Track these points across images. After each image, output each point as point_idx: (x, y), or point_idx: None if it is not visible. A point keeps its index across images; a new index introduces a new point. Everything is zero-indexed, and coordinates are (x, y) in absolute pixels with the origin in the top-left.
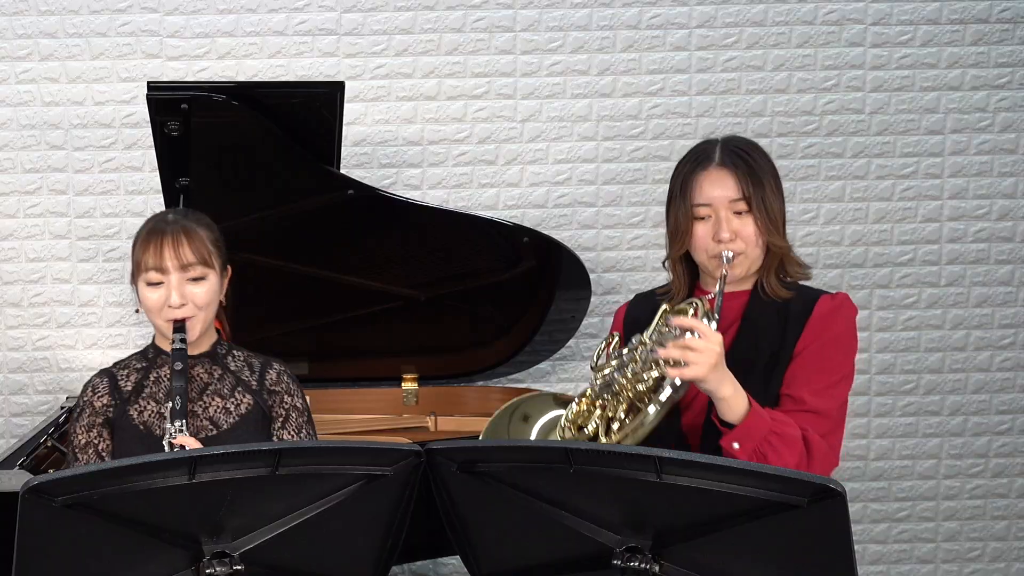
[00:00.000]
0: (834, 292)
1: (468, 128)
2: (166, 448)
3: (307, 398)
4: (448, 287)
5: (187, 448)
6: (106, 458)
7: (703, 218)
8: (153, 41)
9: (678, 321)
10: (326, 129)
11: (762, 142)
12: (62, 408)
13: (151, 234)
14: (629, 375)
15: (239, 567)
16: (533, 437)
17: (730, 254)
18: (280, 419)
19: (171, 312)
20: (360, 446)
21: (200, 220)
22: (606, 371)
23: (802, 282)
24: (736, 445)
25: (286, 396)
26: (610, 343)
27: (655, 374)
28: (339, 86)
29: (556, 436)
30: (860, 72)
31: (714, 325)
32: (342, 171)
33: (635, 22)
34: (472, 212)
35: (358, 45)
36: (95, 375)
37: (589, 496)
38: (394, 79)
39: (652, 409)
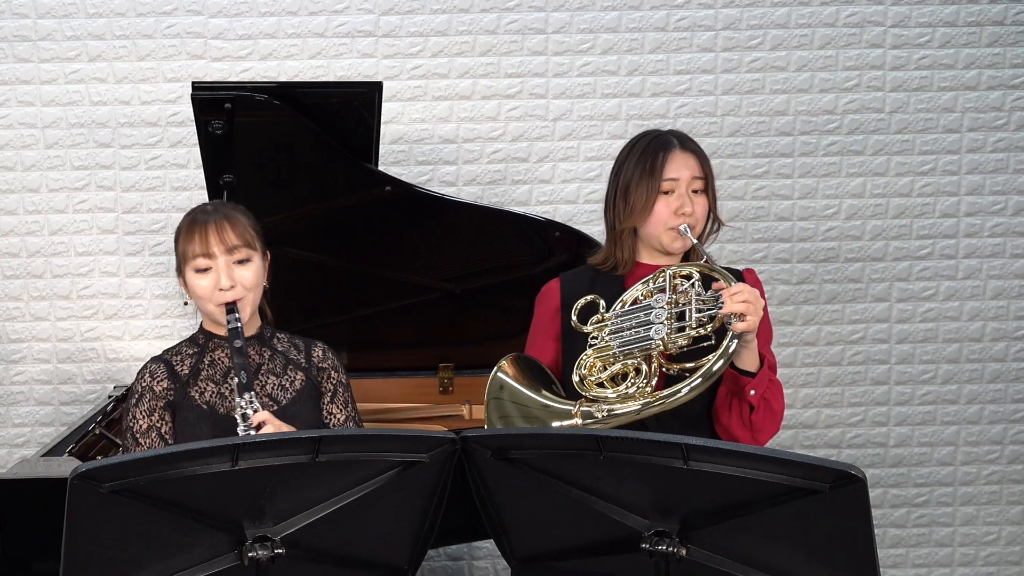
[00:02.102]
0: (743, 268)
1: (502, 127)
2: (239, 421)
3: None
4: (482, 280)
5: (265, 423)
6: (169, 441)
7: (666, 193)
8: (198, 43)
9: (734, 287)
10: (364, 128)
11: (785, 140)
12: (110, 397)
13: (193, 224)
14: (667, 334)
15: (280, 551)
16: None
17: (687, 227)
18: (329, 394)
19: (222, 295)
20: (397, 434)
21: (236, 207)
22: (607, 331)
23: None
24: (753, 392)
25: (333, 372)
26: (594, 304)
27: (697, 332)
28: (377, 86)
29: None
30: (880, 73)
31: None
32: (380, 168)
33: (663, 24)
34: (505, 208)
35: (396, 46)
36: (149, 361)
37: (618, 482)
38: (430, 79)
39: (719, 363)
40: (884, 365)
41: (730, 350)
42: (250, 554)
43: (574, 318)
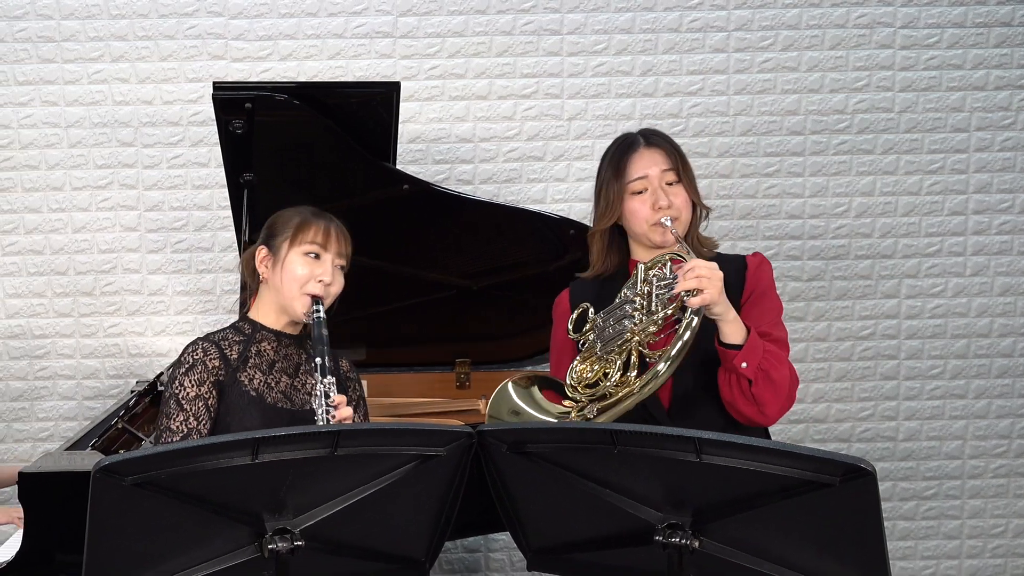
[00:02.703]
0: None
1: (517, 126)
2: (320, 399)
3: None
4: (498, 277)
5: (341, 405)
6: (213, 416)
7: (639, 192)
8: (218, 43)
9: (686, 265)
10: (383, 127)
11: (796, 139)
12: (132, 392)
13: (317, 216)
14: (639, 321)
15: (300, 543)
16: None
17: (668, 220)
18: (352, 404)
19: (316, 287)
20: (415, 428)
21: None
22: (594, 334)
23: (715, 251)
24: (744, 364)
25: (357, 384)
26: (584, 312)
27: (663, 314)
28: (395, 86)
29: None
30: (890, 73)
31: None
32: (398, 167)
33: (676, 25)
34: (521, 206)
35: (413, 47)
36: (200, 339)
37: (632, 475)
38: (447, 79)
39: (677, 347)
40: (893, 360)
41: (692, 324)
42: (270, 546)
43: (569, 329)
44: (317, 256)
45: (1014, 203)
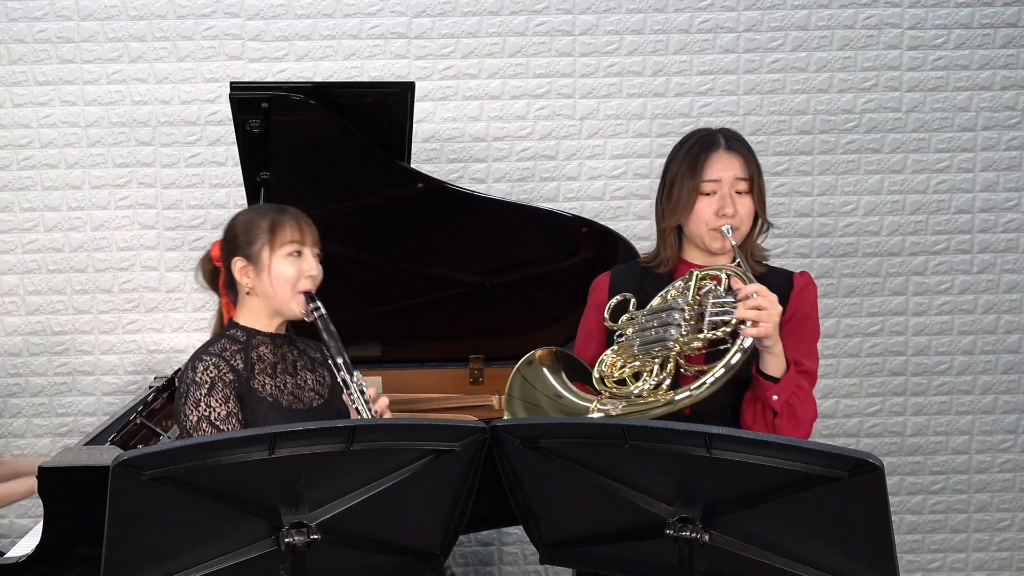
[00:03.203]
0: (798, 271)
1: (530, 125)
2: (356, 394)
3: None
4: (511, 275)
5: (382, 402)
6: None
7: (708, 194)
8: (235, 44)
9: (747, 289)
10: (397, 126)
11: (805, 139)
12: (150, 387)
13: (282, 214)
14: (684, 334)
15: (316, 536)
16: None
17: (730, 228)
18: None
19: (307, 283)
20: (429, 423)
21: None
22: (632, 329)
23: (765, 262)
24: (776, 397)
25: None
26: (625, 302)
27: (711, 335)
28: (409, 86)
29: (588, 397)
30: (897, 73)
31: None
32: (412, 166)
33: (687, 26)
34: (534, 204)
35: (427, 48)
36: (206, 357)
37: (643, 470)
38: (461, 79)
39: (720, 370)
40: (901, 356)
41: (732, 361)
42: (287, 540)
43: (606, 316)
44: (299, 253)
45: (1020, 201)
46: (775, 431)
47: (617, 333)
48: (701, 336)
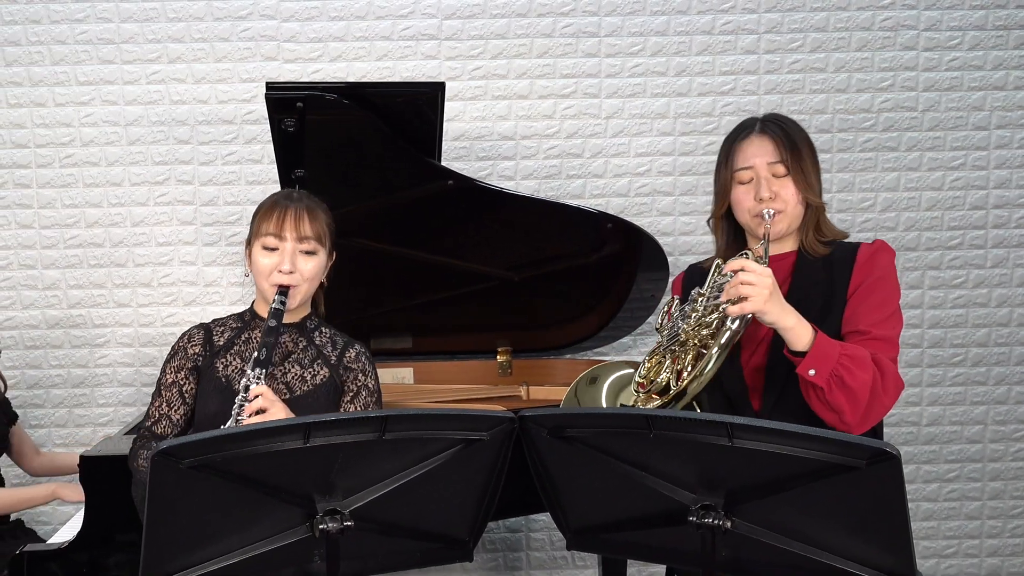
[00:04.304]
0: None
1: (557, 124)
2: (240, 391)
3: (379, 381)
4: (539, 269)
5: (261, 396)
6: (188, 401)
7: (746, 182)
8: (271, 45)
9: (729, 265)
10: (428, 125)
11: (824, 137)
12: None
13: (275, 205)
14: (692, 322)
15: (349, 523)
16: (603, 395)
17: (770, 212)
18: (351, 394)
19: (279, 277)
20: (459, 413)
21: (320, 203)
22: (667, 329)
23: (842, 240)
24: (812, 371)
25: (360, 375)
26: (671, 306)
27: (712, 318)
28: (440, 86)
29: (629, 392)
30: (913, 74)
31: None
32: (443, 163)
33: (709, 28)
34: (561, 200)
35: (457, 49)
36: (194, 326)
37: (667, 458)
38: (490, 80)
39: (715, 350)
40: (917, 349)
41: (723, 340)
42: (321, 526)
43: (657, 321)
44: (275, 248)
45: None
46: (831, 406)
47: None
48: (706, 321)
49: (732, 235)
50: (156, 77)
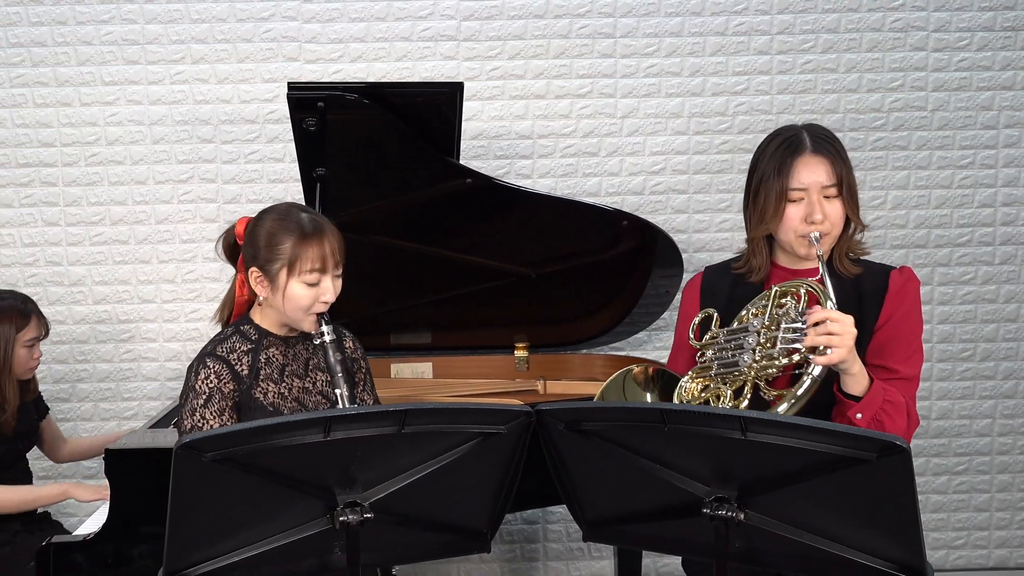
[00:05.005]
0: (897, 267)
1: (573, 124)
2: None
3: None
4: (556, 265)
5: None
6: None
7: (796, 200)
8: (293, 46)
9: (812, 317)
10: (447, 124)
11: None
12: None
13: (314, 234)
14: (757, 357)
15: (369, 515)
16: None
17: (818, 235)
18: (361, 383)
19: (321, 307)
20: (477, 407)
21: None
22: (712, 351)
23: (863, 257)
24: (859, 416)
25: (362, 362)
26: (708, 318)
27: (784, 363)
28: (459, 86)
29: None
30: (923, 74)
31: (832, 305)
32: (461, 162)
33: (723, 29)
34: (577, 198)
35: (476, 50)
36: (209, 360)
37: (681, 451)
38: (508, 80)
39: (792, 401)
40: (927, 344)
41: (799, 392)
42: (341, 518)
43: (691, 335)
44: (318, 283)
45: None
46: None
47: (699, 353)
48: (774, 363)
49: (769, 251)
50: (180, 77)
